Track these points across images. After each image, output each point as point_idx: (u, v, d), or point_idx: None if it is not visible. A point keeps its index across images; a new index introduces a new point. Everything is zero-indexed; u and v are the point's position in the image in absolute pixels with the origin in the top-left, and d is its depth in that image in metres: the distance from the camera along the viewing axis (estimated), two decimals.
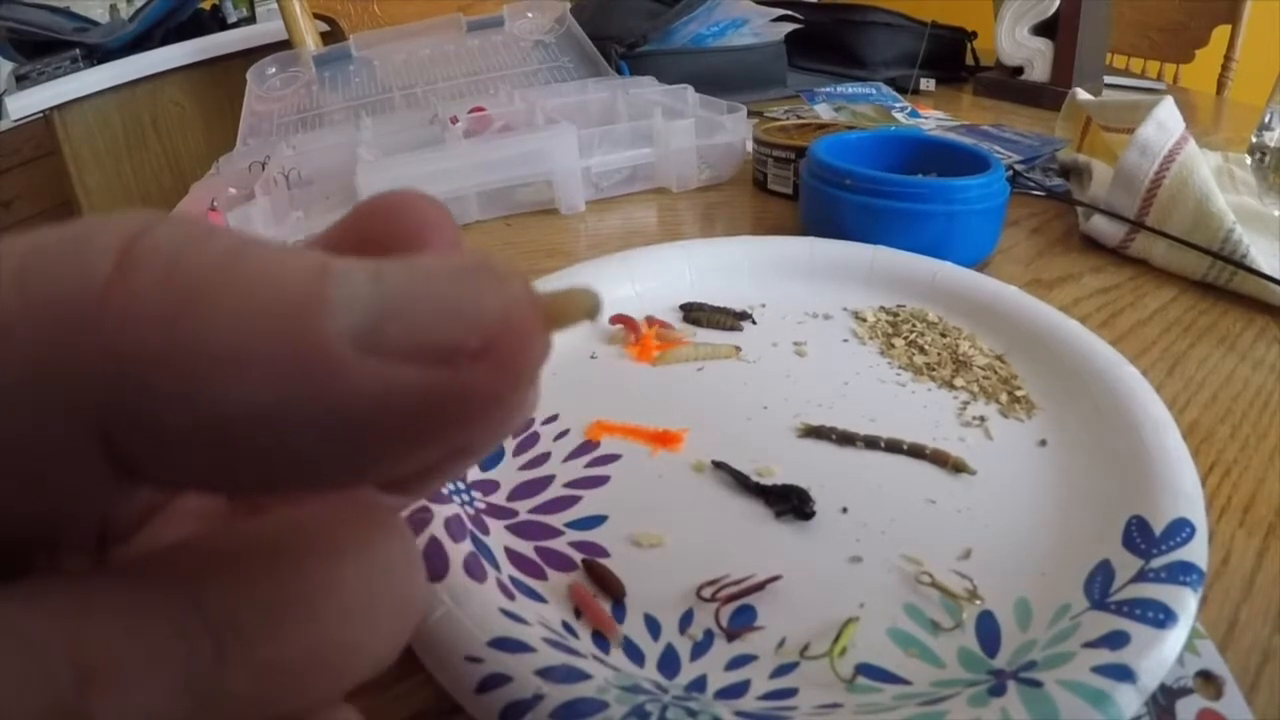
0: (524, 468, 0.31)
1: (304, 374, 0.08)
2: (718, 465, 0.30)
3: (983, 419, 0.33)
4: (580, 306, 0.10)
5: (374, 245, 0.11)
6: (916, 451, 0.31)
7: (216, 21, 1.73)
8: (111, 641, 0.08)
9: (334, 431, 0.08)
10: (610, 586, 0.25)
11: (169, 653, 0.08)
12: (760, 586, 0.25)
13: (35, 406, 0.07)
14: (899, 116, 0.80)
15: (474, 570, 0.24)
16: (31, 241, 0.08)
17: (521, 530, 0.28)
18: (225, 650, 0.08)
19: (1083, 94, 0.65)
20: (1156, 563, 0.23)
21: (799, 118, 0.75)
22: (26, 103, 1.42)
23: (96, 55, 1.50)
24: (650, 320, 0.40)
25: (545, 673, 0.20)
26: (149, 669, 0.08)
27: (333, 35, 1.12)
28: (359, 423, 0.08)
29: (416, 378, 0.08)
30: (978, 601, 0.24)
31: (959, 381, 0.35)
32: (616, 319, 0.39)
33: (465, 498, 0.28)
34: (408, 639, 0.10)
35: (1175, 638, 0.21)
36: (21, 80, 1.45)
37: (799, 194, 0.53)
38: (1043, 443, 0.31)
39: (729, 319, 0.40)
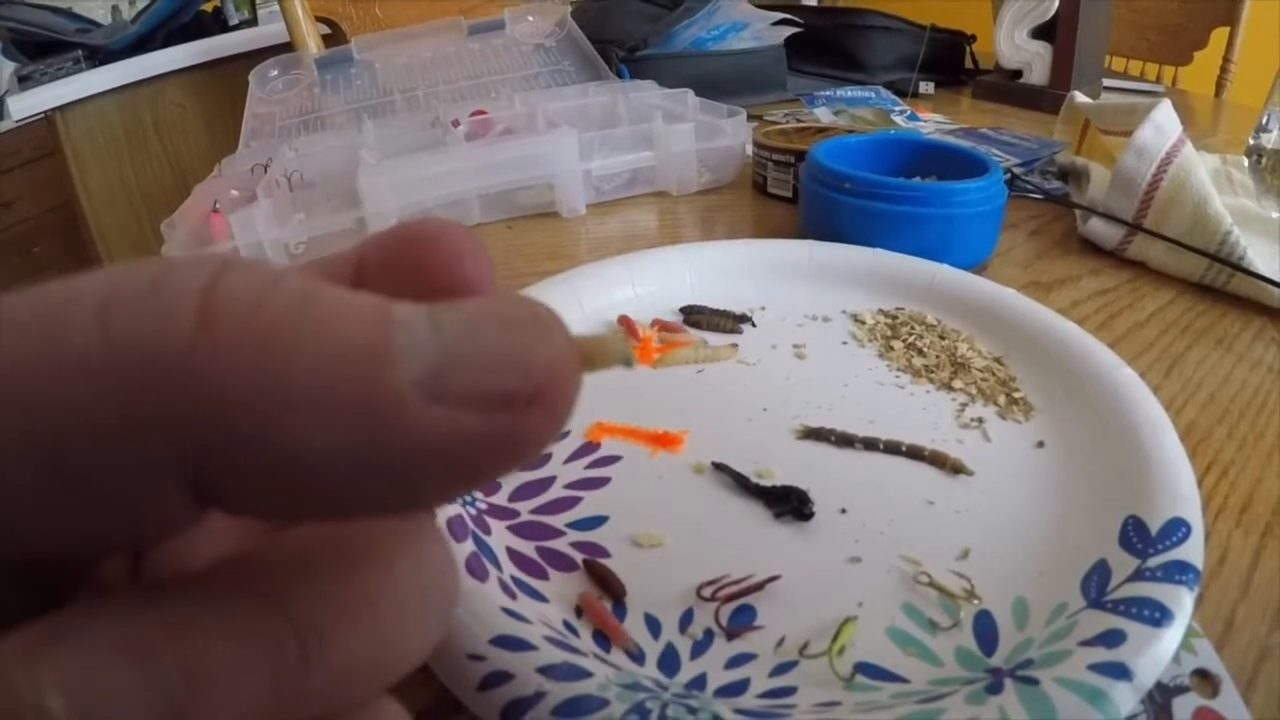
0: (525, 469, 0.31)
1: (375, 418, 0.08)
2: (718, 466, 0.30)
3: (981, 420, 0.33)
4: (614, 354, 0.11)
5: (408, 270, 0.12)
6: (915, 453, 0.31)
7: (218, 24, 1.74)
8: (214, 647, 0.09)
9: (400, 469, 0.09)
10: (611, 586, 0.25)
11: (262, 655, 0.09)
12: (760, 586, 0.25)
13: (123, 442, 0.08)
14: (898, 120, 0.80)
15: (476, 570, 0.24)
16: (106, 282, 0.08)
17: (523, 531, 0.28)
18: (308, 651, 0.09)
19: (1081, 97, 0.65)
20: (1153, 562, 0.23)
21: (799, 121, 0.75)
22: (28, 103, 1.42)
23: (98, 56, 1.51)
24: (658, 323, 0.40)
25: (547, 670, 0.20)
26: (246, 670, 0.09)
27: (334, 38, 1.12)
28: (423, 461, 0.09)
29: (477, 423, 0.09)
30: (975, 601, 0.24)
31: (957, 383, 0.35)
32: (620, 320, 0.39)
33: (467, 498, 0.28)
34: (445, 633, 0.11)
35: (1171, 636, 0.21)
36: (24, 81, 1.46)
37: (798, 197, 0.54)
38: (1040, 444, 0.32)
39: (729, 321, 0.40)
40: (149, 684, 0.08)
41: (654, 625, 0.24)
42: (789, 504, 0.28)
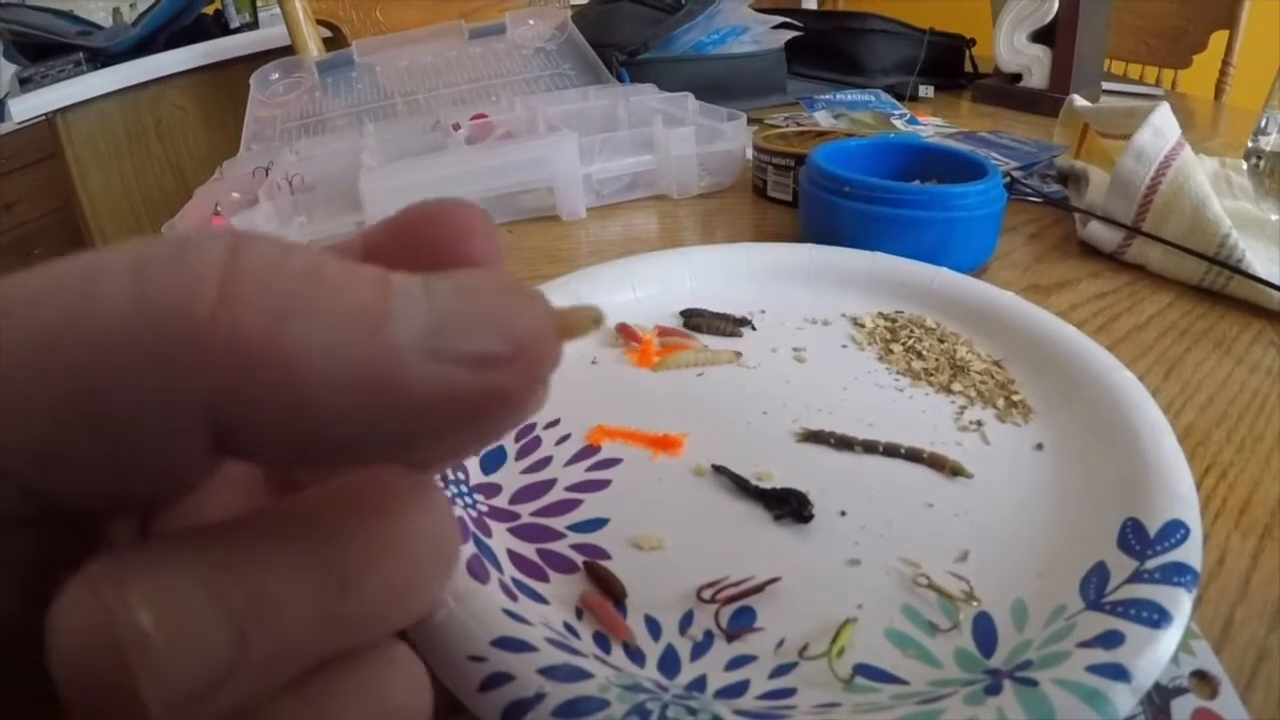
0: (526, 471, 0.31)
1: (375, 374, 0.09)
2: (717, 469, 0.30)
3: (980, 423, 0.33)
4: (587, 319, 0.12)
5: (420, 245, 0.13)
6: (914, 455, 0.31)
7: (219, 26, 1.74)
8: (271, 578, 0.10)
9: (399, 419, 0.10)
10: (611, 588, 0.25)
11: (311, 588, 0.10)
12: (759, 588, 0.25)
13: (154, 395, 0.09)
14: (898, 123, 0.80)
15: (477, 571, 0.24)
16: (135, 253, 0.09)
17: (523, 533, 0.28)
18: (347, 587, 0.11)
19: (1080, 100, 0.65)
20: (1151, 564, 0.23)
21: (798, 125, 0.75)
22: (30, 105, 1.43)
23: (100, 59, 1.51)
24: (660, 328, 0.40)
25: (547, 671, 0.20)
26: (298, 599, 0.10)
27: (335, 41, 1.13)
28: (419, 412, 0.10)
29: (466, 379, 0.10)
30: (974, 603, 0.25)
31: (956, 386, 0.35)
32: (618, 328, 0.39)
33: (468, 500, 0.28)
34: (450, 580, 0.13)
35: (1170, 637, 0.21)
36: (25, 83, 1.46)
37: (798, 201, 0.54)
38: (1039, 446, 0.32)
39: (729, 325, 0.40)
40: (219, 607, 0.09)
41: (654, 627, 0.24)
42: (788, 506, 0.28)
